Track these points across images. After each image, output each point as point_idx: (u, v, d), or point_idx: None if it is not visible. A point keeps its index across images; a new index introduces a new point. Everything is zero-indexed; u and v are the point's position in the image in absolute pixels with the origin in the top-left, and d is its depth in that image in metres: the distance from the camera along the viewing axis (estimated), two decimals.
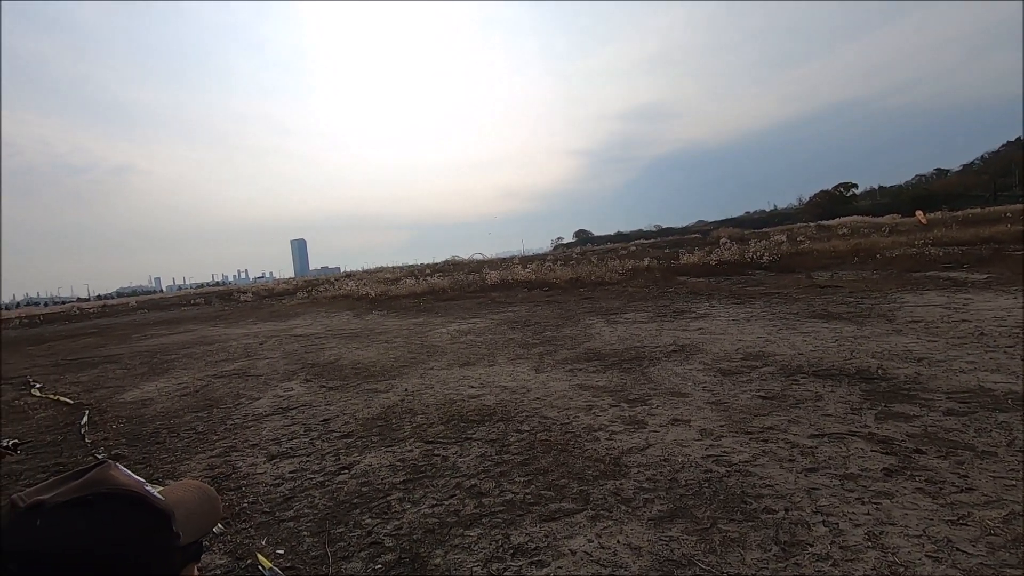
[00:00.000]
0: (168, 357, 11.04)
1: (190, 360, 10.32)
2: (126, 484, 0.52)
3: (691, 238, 38.76)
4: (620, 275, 17.64)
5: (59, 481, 0.52)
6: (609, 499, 3.25)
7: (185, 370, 9.23)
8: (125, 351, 12.90)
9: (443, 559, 2.79)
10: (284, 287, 35.52)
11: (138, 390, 7.90)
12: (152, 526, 0.52)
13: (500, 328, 10.62)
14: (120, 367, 10.37)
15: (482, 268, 25.82)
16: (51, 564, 0.44)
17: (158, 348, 12.82)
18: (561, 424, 4.66)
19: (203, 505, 0.57)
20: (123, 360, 11.31)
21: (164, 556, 0.52)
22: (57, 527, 0.46)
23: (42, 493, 0.49)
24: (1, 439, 2.40)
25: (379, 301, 19.85)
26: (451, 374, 6.97)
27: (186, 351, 11.70)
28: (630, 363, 6.66)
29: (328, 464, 4.27)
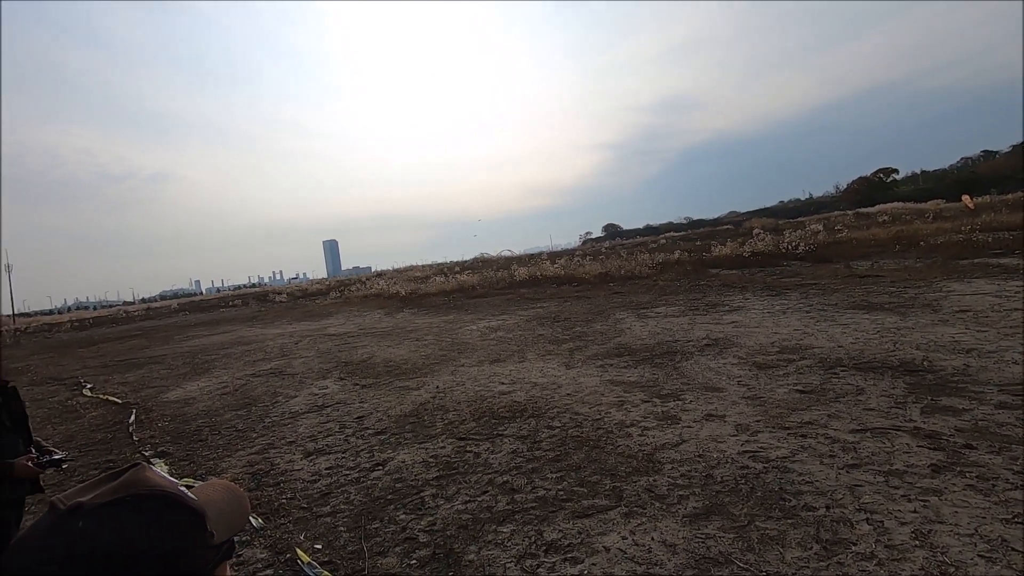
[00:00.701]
0: (208, 357, 11.40)
1: (229, 360, 10.63)
2: (161, 485, 0.54)
3: (723, 229, 37.95)
4: (650, 269, 17.41)
5: (95, 483, 0.53)
6: (643, 496, 3.22)
7: (225, 370, 9.51)
8: (168, 352, 13.37)
9: (477, 555, 2.81)
10: (317, 287, 36.28)
11: (181, 389, 8.19)
12: (188, 525, 0.53)
13: (529, 324, 10.61)
14: (164, 367, 10.76)
15: (510, 265, 25.86)
16: (95, 564, 0.45)
17: (199, 349, 13.25)
18: (592, 420, 4.63)
19: (232, 504, 0.58)
20: (166, 361, 11.73)
21: (200, 555, 0.53)
22: (99, 528, 0.47)
23: (80, 495, 0.50)
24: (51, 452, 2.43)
25: (409, 299, 20.08)
26: (481, 371, 7.00)
27: (225, 351, 12.06)
28: (662, 358, 6.57)
29: (363, 461, 4.34)
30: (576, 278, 18.09)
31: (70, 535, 0.47)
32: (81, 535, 0.47)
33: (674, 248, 22.74)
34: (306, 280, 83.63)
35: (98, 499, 0.50)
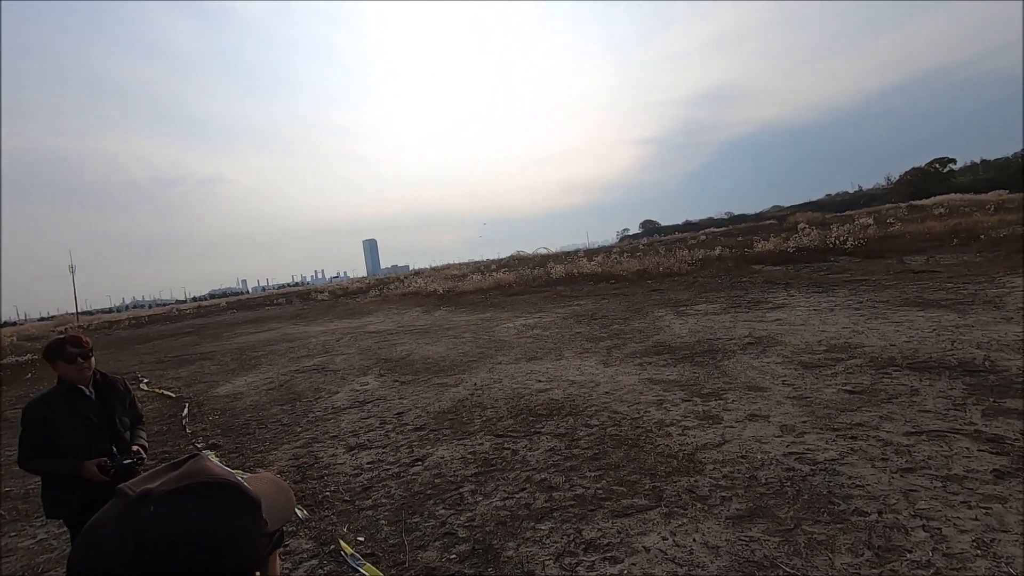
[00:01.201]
0: (255, 354, 11.81)
1: (274, 356, 10.99)
2: (221, 474, 0.56)
3: (766, 224, 36.80)
4: (689, 265, 17.06)
5: (158, 472, 0.56)
6: (683, 496, 3.16)
7: (270, 366, 9.84)
8: (218, 349, 13.92)
9: (515, 551, 2.82)
10: (357, 286, 37.07)
11: (230, 384, 8.51)
12: (248, 512, 0.55)
13: (566, 322, 10.57)
14: (214, 363, 11.21)
15: (547, 262, 25.80)
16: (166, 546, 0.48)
17: (246, 346, 13.73)
18: (631, 419, 4.58)
19: (280, 496, 0.61)
20: (216, 357, 12.21)
21: (257, 541, 0.55)
22: (168, 513, 0.50)
23: (147, 483, 0.53)
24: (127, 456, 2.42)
25: (447, 297, 20.29)
26: (518, 368, 7.01)
27: (271, 348, 12.47)
28: (702, 356, 6.44)
29: (403, 456, 4.42)
30: (614, 275, 17.90)
31: (142, 520, 0.49)
32: (152, 519, 0.49)
33: (714, 244, 22.21)
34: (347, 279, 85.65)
35: (165, 486, 0.52)
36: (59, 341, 2.44)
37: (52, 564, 3.37)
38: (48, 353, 2.42)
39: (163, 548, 0.48)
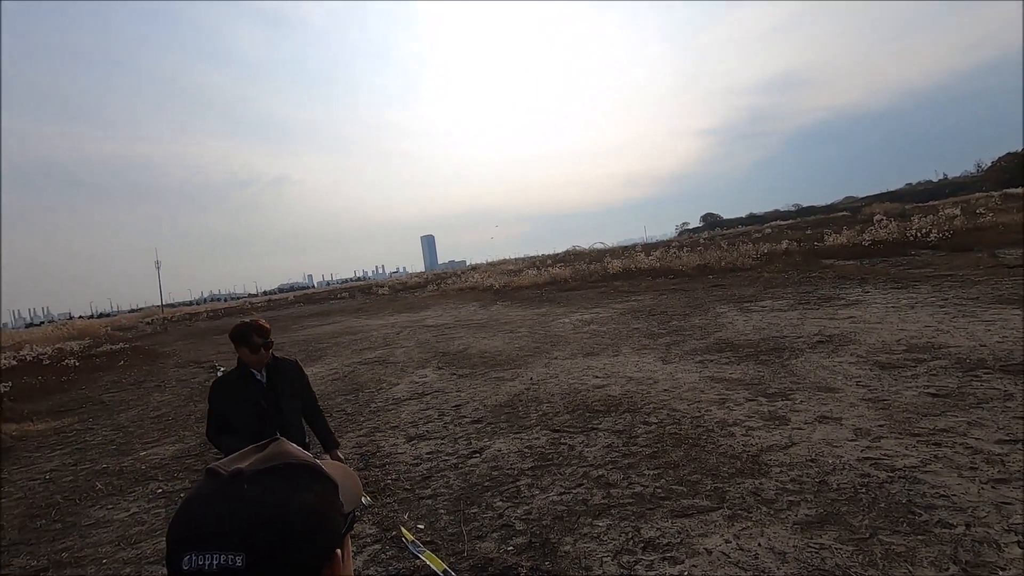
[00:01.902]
0: (320, 345, 12.33)
1: (338, 348, 11.44)
2: (304, 456, 0.59)
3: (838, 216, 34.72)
4: (754, 260, 16.38)
5: (245, 454, 0.60)
6: (748, 499, 3.06)
7: (335, 357, 10.25)
8: (286, 340, 14.63)
9: (572, 547, 2.81)
10: (416, 281, 37.95)
11: None
12: (329, 493, 0.59)
13: (624, 318, 10.41)
14: (282, 354, 11.79)
15: (603, 257, 25.47)
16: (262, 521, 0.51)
17: (312, 338, 14.36)
18: (692, 417, 4.46)
19: (348, 481, 0.63)
20: (285, 348, 12.84)
21: (337, 521, 0.58)
22: (261, 491, 0.53)
23: (236, 463, 0.57)
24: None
25: (503, 292, 20.44)
26: (575, 364, 6.98)
27: (335, 340, 12.99)
28: (768, 354, 6.18)
29: (460, 447, 4.50)
30: (672, 270, 17.46)
31: (237, 497, 0.53)
32: (247, 496, 0.53)
33: (781, 238, 21.20)
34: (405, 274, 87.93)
35: (254, 466, 0.56)
36: (247, 328, 2.47)
37: (143, 536, 3.66)
38: (236, 337, 2.47)
39: (259, 523, 0.51)
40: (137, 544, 3.54)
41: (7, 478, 5.39)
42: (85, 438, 6.59)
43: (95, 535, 3.76)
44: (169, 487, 4.51)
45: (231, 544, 0.50)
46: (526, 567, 2.69)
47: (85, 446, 6.21)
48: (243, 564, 0.49)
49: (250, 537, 0.50)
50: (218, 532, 0.51)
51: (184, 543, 0.51)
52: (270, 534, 0.51)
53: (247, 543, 0.50)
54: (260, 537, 0.51)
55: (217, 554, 0.49)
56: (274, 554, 0.51)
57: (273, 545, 0.51)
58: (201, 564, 0.49)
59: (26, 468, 5.66)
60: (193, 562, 0.50)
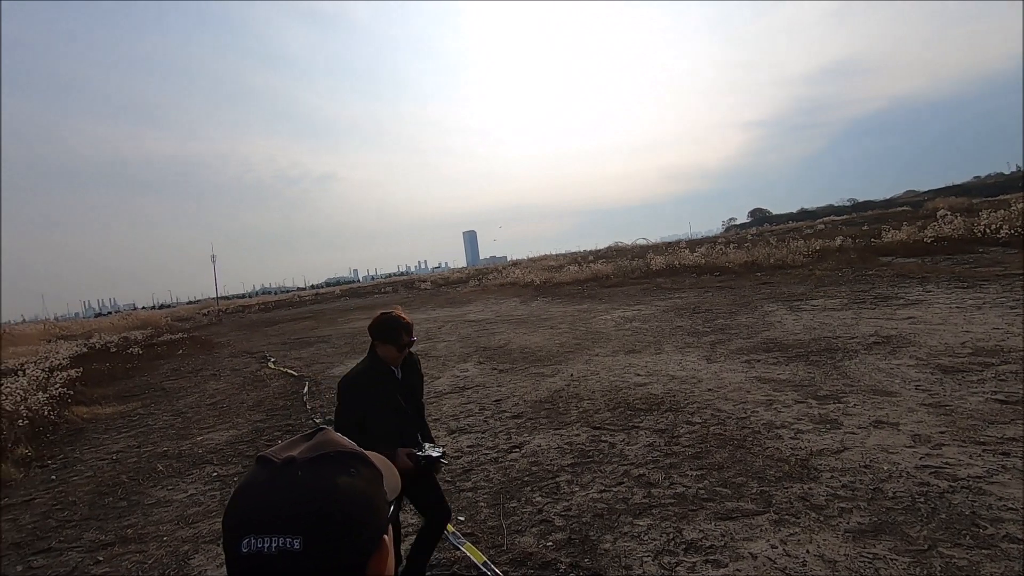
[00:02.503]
0: (365, 339, 12.61)
1: None
2: (351, 445, 0.62)
3: (897, 211, 32.93)
4: (805, 257, 15.75)
5: (293, 442, 0.62)
6: (796, 504, 2.96)
7: None
8: (333, 333, 15.07)
9: (612, 545, 2.79)
10: (457, 276, 38.35)
11: (343, 366, 9.18)
12: (376, 481, 0.61)
13: (667, 315, 10.23)
14: (329, 346, 12.15)
15: (646, 253, 25.07)
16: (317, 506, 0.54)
17: (357, 331, 14.72)
18: (737, 418, 4.35)
19: (387, 471, 0.65)
20: (331, 340, 13.23)
21: (384, 508, 0.60)
22: (315, 477, 0.56)
23: (286, 451, 0.59)
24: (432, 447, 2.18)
25: (544, 288, 20.41)
26: (616, 361, 6.90)
27: None
28: (819, 355, 5.94)
29: (500, 442, 4.53)
30: (718, 267, 17.01)
31: (292, 483, 0.55)
32: (301, 483, 0.55)
33: (835, 234, 20.32)
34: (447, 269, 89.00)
35: (304, 454, 0.58)
36: (397, 326, 2.27)
37: (200, 516, 3.85)
38: (383, 333, 2.27)
39: (315, 508, 0.54)
40: (195, 524, 3.73)
41: (79, 457, 5.78)
42: (147, 422, 6.98)
43: (156, 514, 3.99)
44: (223, 471, 4.72)
45: (289, 528, 0.52)
46: (565, 563, 2.69)
47: (148, 430, 6.58)
48: (300, 547, 0.52)
49: (306, 521, 0.53)
50: (276, 516, 0.53)
51: (243, 527, 0.53)
52: (325, 518, 0.54)
53: (304, 527, 0.53)
54: (316, 521, 0.53)
55: (276, 537, 0.52)
56: (329, 538, 0.53)
57: (328, 529, 0.53)
58: (260, 547, 0.52)
59: (95, 448, 6.04)
60: (252, 545, 0.52)
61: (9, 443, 6.11)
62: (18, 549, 3.70)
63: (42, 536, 3.87)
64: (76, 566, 3.34)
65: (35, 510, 4.41)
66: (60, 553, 3.56)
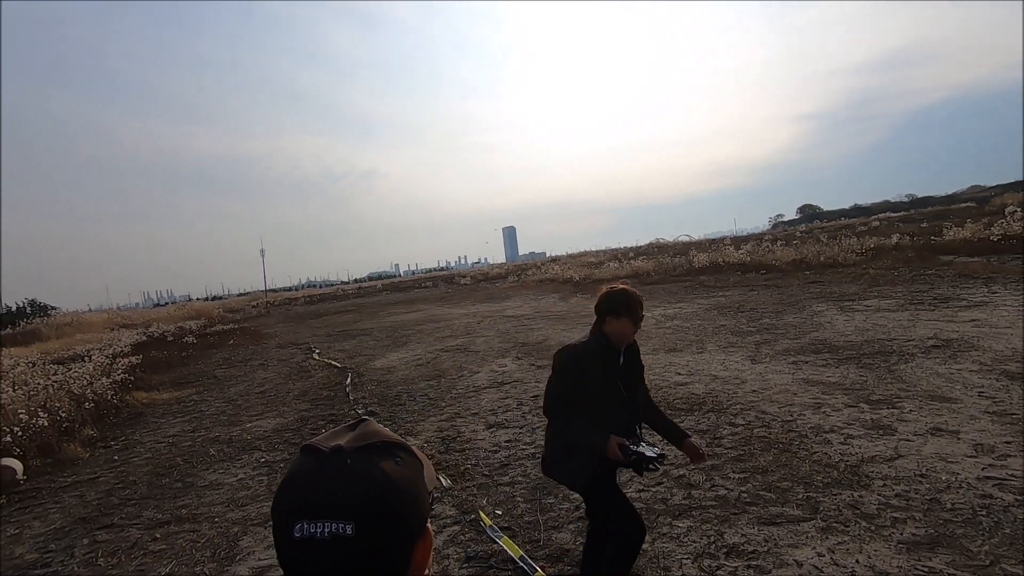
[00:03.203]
0: (405, 332, 12.85)
1: (422, 335, 11.87)
2: (395, 436, 0.63)
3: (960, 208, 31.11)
4: (858, 255, 15.09)
5: (337, 432, 0.64)
6: (845, 511, 2.85)
7: (419, 344, 10.65)
8: (374, 326, 15.39)
9: (650, 545, 2.76)
10: (496, 271, 38.50)
11: (384, 359, 9.38)
12: (419, 471, 0.63)
13: (709, 313, 9.99)
14: (371, 339, 12.43)
15: (688, 250, 24.54)
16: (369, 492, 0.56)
17: (398, 324, 15.00)
18: (783, 421, 4.22)
19: (425, 462, 0.67)
20: (373, 333, 13.51)
21: (426, 497, 0.62)
22: (364, 465, 0.58)
23: (332, 440, 0.61)
24: (648, 446, 1.95)
25: (583, 284, 20.26)
26: (656, 359, 6.80)
27: (419, 328, 13.48)
28: (872, 358, 5.69)
29: (539, 437, 4.53)
30: (764, 265, 16.49)
31: (343, 471, 0.57)
32: (352, 470, 0.57)
33: (890, 231, 19.40)
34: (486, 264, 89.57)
35: (351, 443, 0.60)
36: (636, 299, 2.06)
37: (248, 500, 4.01)
38: (619, 304, 2.04)
39: (365, 495, 0.55)
40: (244, 507, 3.89)
41: (139, 440, 6.11)
42: (201, 408, 7.31)
43: (209, 495, 4.18)
44: (270, 457, 4.90)
45: (341, 514, 0.54)
46: None
47: (201, 415, 6.89)
48: (352, 532, 0.54)
49: (358, 507, 0.55)
50: (328, 503, 0.55)
51: (295, 512, 0.55)
52: (376, 505, 0.55)
53: (355, 513, 0.54)
54: (367, 508, 0.55)
55: (329, 522, 0.54)
56: (379, 523, 0.55)
57: (378, 515, 0.55)
58: (313, 531, 0.54)
59: (153, 432, 6.37)
60: (305, 530, 0.54)
61: (77, 424, 6.52)
62: (84, 523, 3.95)
63: (106, 512, 4.11)
64: (136, 542, 3.54)
65: (99, 488, 4.69)
66: (122, 529, 3.77)
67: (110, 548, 3.50)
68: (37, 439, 5.84)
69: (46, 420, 6.08)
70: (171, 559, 3.25)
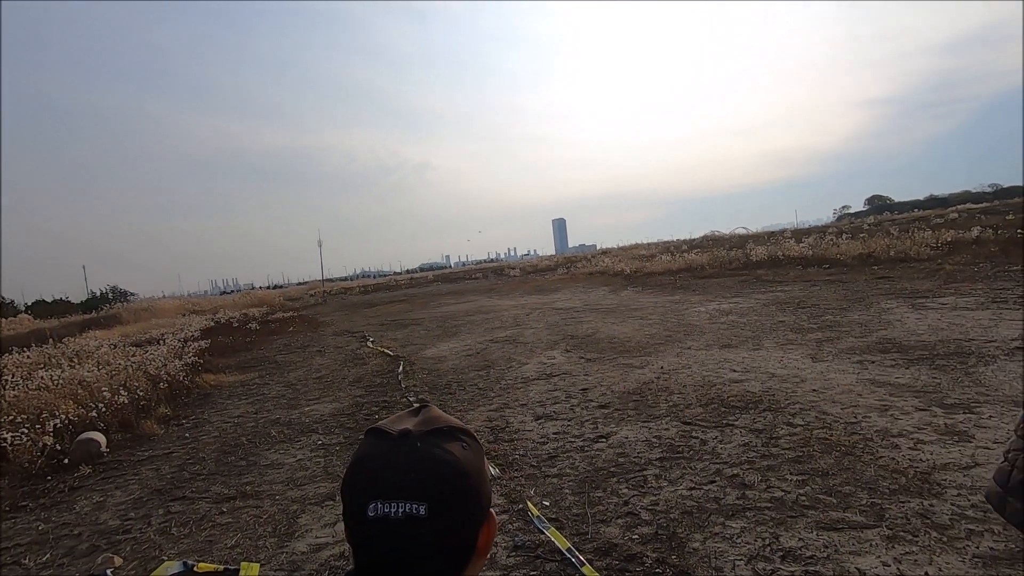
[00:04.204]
0: (456, 323, 13.04)
1: (472, 326, 12.02)
2: (458, 421, 0.65)
3: None
4: (933, 249, 14.11)
5: (400, 418, 0.66)
6: (913, 520, 2.69)
7: (468, 334, 10.79)
8: (426, 316, 15.69)
9: (702, 544, 2.70)
10: (546, 263, 38.37)
11: (435, 348, 9.56)
12: (482, 455, 0.64)
13: (767, 309, 9.63)
14: (422, 329, 12.68)
15: (745, 243, 23.66)
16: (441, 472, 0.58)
17: (448, 315, 15.23)
18: (846, 423, 4.02)
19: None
20: (424, 323, 13.79)
21: (488, 482, 0.63)
22: (433, 448, 0.60)
23: (398, 424, 0.63)
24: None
25: (634, 277, 19.94)
26: (710, 355, 6.62)
27: (468, 318, 13.65)
28: (947, 359, 5.34)
29: (587, 431, 4.51)
30: (828, 259, 15.71)
31: (415, 453, 0.59)
32: (423, 453, 0.59)
33: (971, 223, 18.01)
34: (536, 256, 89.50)
35: (419, 428, 0.62)
36: None
37: (307, 480, 4.19)
38: None
39: (438, 477, 0.57)
40: (302, 486, 4.07)
41: (207, 419, 6.49)
42: (263, 391, 7.69)
43: (270, 474, 4.40)
44: (327, 440, 5.10)
45: (415, 494, 0.56)
46: (651, 558, 2.64)
47: (263, 398, 7.24)
48: (426, 513, 0.55)
49: (431, 489, 0.57)
50: (401, 484, 0.57)
51: (369, 493, 0.58)
52: (448, 487, 0.57)
53: (429, 494, 0.56)
54: (439, 489, 0.57)
55: (403, 503, 0.56)
56: (451, 505, 0.57)
57: (450, 497, 0.57)
58: (387, 512, 0.56)
59: (220, 412, 6.76)
60: (379, 510, 0.56)
61: (153, 402, 6.99)
62: (159, 495, 4.24)
63: (178, 485, 4.40)
64: (205, 515, 3.77)
65: (173, 462, 5.02)
66: (192, 502, 4.03)
67: (182, 519, 3.74)
68: (118, 415, 6.31)
69: (126, 398, 6.57)
70: (236, 532, 3.45)
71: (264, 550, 3.18)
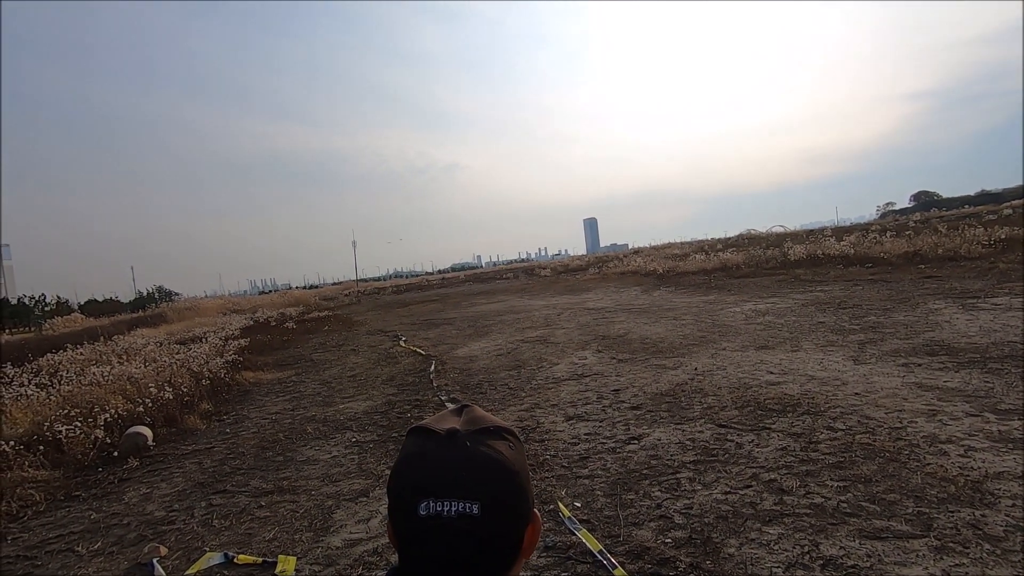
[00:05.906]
0: (487, 323, 13.09)
1: (503, 326, 12.04)
2: (502, 422, 0.65)
3: None
4: (984, 247, 13.45)
5: (443, 417, 0.66)
6: (963, 531, 2.57)
7: (499, 334, 10.82)
8: (457, 316, 15.80)
9: (737, 550, 2.64)
10: (577, 263, 38.13)
11: (466, 348, 9.62)
12: (525, 455, 0.64)
13: (806, 309, 9.35)
14: (454, 328, 12.78)
15: (783, 242, 23.02)
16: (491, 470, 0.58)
17: (479, 314, 15.30)
18: (890, 428, 3.87)
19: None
20: (456, 323, 13.89)
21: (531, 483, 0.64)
22: (482, 447, 0.60)
23: (443, 424, 0.63)
24: None
25: (667, 277, 19.64)
26: (746, 357, 6.47)
27: (500, 318, 13.68)
28: (1000, 362, 5.08)
29: (619, 432, 4.47)
30: (871, 258, 15.15)
31: (465, 452, 0.60)
32: (473, 453, 0.60)
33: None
34: (567, 256, 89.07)
35: (466, 427, 0.63)
36: None
37: (341, 476, 4.28)
38: None
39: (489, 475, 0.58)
40: (337, 482, 4.16)
41: (246, 415, 6.69)
42: (299, 389, 7.87)
43: (306, 470, 4.50)
44: (361, 437, 5.19)
45: (467, 493, 0.57)
46: (685, 562, 2.60)
47: (299, 396, 7.42)
48: (478, 512, 0.56)
49: (483, 487, 0.57)
50: (453, 482, 0.57)
51: (420, 490, 0.58)
52: (499, 486, 0.58)
53: (481, 492, 0.57)
54: (492, 488, 0.57)
55: (455, 501, 0.56)
56: (502, 504, 0.57)
57: (501, 496, 0.58)
58: (440, 510, 0.56)
59: (259, 409, 6.95)
60: (431, 508, 0.57)
61: (196, 399, 7.25)
62: (202, 488, 4.40)
63: (219, 479, 4.55)
64: (244, 508, 3.88)
65: (214, 457, 5.19)
66: (232, 495, 4.16)
67: (223, 512, 3.86)
68: (163, 410, 6.56)
69: (171, 394, 6.83)
70: (274, 526, 3.55)
71: (300, 544, 3.26)
